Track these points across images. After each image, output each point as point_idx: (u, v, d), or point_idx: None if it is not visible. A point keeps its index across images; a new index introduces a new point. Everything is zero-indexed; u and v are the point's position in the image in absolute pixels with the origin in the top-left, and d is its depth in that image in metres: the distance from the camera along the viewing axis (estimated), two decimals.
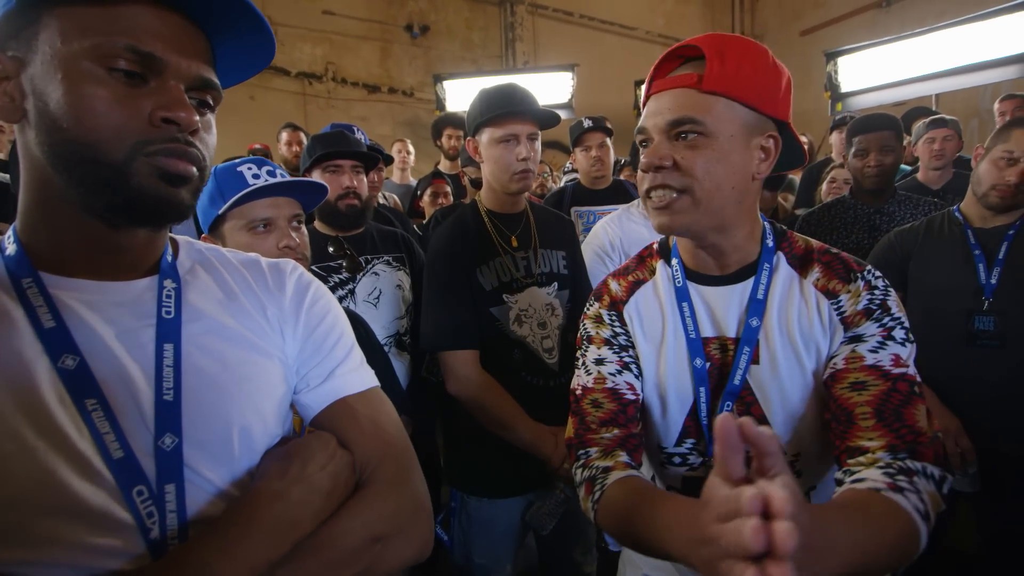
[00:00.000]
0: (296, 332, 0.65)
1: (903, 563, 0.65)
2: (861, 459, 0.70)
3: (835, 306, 0.77)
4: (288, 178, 1.09)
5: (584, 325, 0.92)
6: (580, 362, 0.90)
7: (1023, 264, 1.42)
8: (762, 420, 0.79)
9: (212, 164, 0.58)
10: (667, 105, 0.75)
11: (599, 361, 0.87)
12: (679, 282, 0.85)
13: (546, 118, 1.39)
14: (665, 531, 0.63)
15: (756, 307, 0.79)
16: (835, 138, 3.80)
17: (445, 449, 1.51)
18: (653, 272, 0.89)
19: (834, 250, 0.82)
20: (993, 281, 1.44)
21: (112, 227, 0.53)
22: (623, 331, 0.88)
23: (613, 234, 1.79)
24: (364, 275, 1.67)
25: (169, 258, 0.60)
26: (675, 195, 0.75)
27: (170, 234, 0.63)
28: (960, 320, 1.46)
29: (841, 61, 4.09)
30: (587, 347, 0.89)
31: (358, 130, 2.21)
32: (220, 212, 1.05)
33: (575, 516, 1.47)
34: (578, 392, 0.88)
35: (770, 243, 0.82)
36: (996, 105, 3.26)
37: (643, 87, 0.81)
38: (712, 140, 0.73)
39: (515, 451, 1.37)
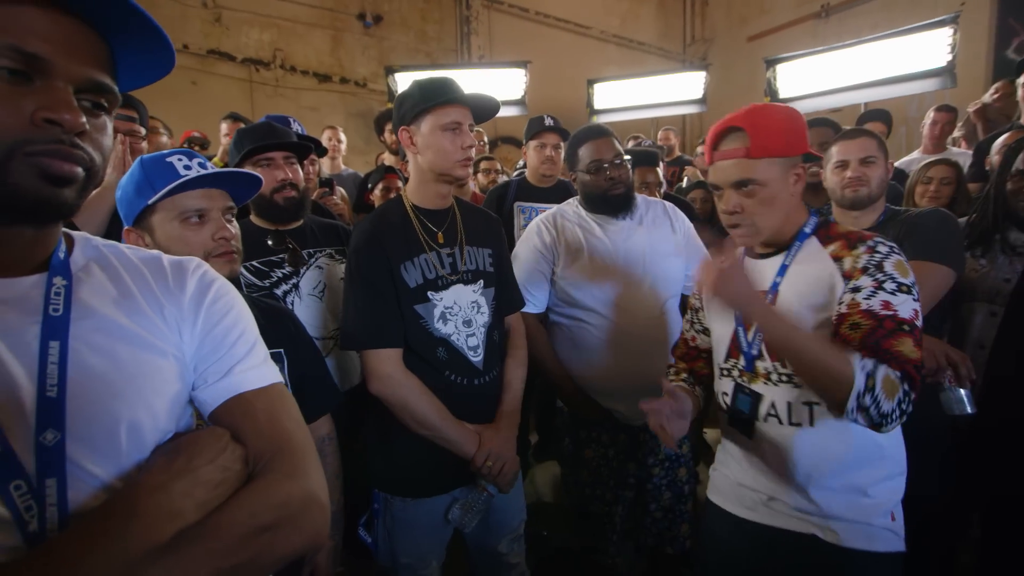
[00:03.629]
0: (194, 330, 0.66)
1: (830, 382, 0.99)
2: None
3: (838, 265, 1.10)
4: (220, 170, 1.08)
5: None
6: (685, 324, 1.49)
7: None
8: None
9: (107, 164, 0.58)
10: (730, 169, 1.13)
11: (690, 323, 1.46)
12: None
13: (487, 106, 1.41)
14: None
15: (782, 269, 1.18)
16: None
17: (366, 450, 1.49)
18: None
19: (864, 233, 1.13)
20: None
21: None
22: (698, 299, 1.43)
23: (547, 234, 1.85)
24: (307, 269, 1.66)
25: (61, 255, 0.60)
26: (746, 227, 1.15)
27: (66, 230, 0.62)
28: None
29: (779, 68, 4.29)
30: (689, 311, 1.46)
31: (295, 121, 2.12)
32: (150, 203, 1.04)
33: (502, 511, 1.51)
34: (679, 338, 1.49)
35: (807, 230, 1.18)
36: (931, 114, 3.49)
37: (703, 144, 1.16)
38: (763, 187, 1.12)
39: (438, 449, 1.37)
